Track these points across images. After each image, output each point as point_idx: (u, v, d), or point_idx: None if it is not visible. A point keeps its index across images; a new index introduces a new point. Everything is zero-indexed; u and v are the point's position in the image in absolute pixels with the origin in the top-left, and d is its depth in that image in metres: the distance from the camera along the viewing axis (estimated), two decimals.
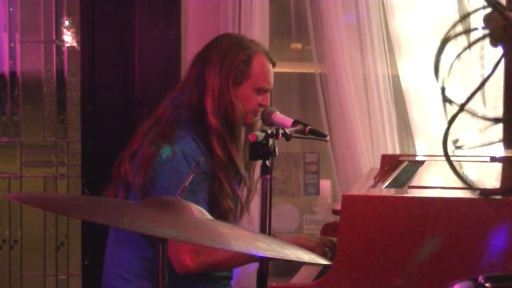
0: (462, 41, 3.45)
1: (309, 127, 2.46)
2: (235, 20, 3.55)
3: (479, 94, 3.45)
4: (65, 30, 3.79)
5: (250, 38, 2.80)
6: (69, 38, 3.79)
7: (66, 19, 3.78)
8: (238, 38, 2.70)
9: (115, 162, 2.66)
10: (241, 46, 2.64)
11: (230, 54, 2.61)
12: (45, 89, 3.82)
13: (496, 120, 1.59)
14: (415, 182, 2.54)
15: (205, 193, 2.53)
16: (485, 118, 1.43)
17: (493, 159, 2.90)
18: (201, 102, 2.60)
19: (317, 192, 3.83)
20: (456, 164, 1.36)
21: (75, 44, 3.78)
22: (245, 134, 2.70)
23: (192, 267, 2.48)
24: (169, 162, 2.49)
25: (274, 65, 2.71)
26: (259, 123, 2.71)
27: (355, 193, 2.43)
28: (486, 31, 1.28)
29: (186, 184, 1.80)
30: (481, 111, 3.42)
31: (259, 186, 2.35)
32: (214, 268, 2.56)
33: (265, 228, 2.21)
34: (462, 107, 1.26)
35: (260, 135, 2.21)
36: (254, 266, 2.40)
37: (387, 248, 2.16)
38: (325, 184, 3.84)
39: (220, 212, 2.56)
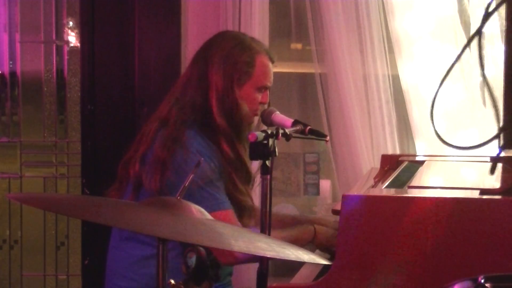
0: (462, 39, 3.47)
1: (309, 127, 2.46)
2: (235, 20, 3.55)
3: (479, 94, 3.46)
4: (65, 30, 3.79)
5: (250, 36, 2.80)
6: (69, 38, 3.79)
7: (66, 19, 3.78)
8: (240, 38, 2.70)
9: (120, 163, 2.64)
10: (244, 47, 2.63)
11: (233, 55, 2.61)
12: (45, 89, 3.82)
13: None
14: (415, 182, 2.54)
15: (223, 188, 2.54)
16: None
17: (493, 159, 2.90)
18: (205, 102, 2.60)
19: (317, 192, 3.83)
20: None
21: (75, 44, 3.78)
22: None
23: (240, 256, 2.50)
24: (186, 163, 2.48)
25: (273, 62, 2.71)
26: (259, 123, 2.71)
27: (355, 193, 2.43)
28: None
29: (195, 185, 1.79)
30: (481, 111, 3.43)
31: (259, 186, 2.34)
32: (257, 257, 2.54)
33: (265, 228, 2.21)
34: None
35: (260, 135, 2.21)
36: (254, 266, 2.40)
37: (387, 248, 2.16)
38: (325, 184, 3.84)
39: (239, 209, 2.57)
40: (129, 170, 2.58)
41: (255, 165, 2.72)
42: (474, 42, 3.63)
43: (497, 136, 1.51)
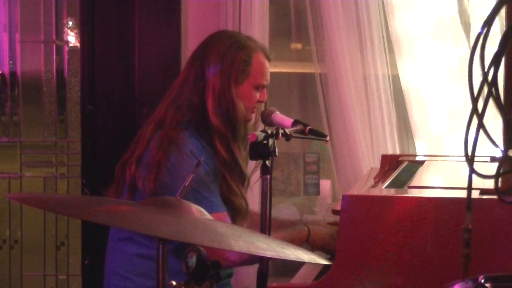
0: (462, 39, 3.47)
1: (309, 127, 2.45)
2: (235, 20, 3.55)
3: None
4: (65, 30, 3.79)
5: (246, 35, 2.80)
6: (69, 38, 3.79)
7: (66, 19, 3.78)
8: (236, 37, 2.70)
9: (117, 165, 2.64)
10: (240, 45, 2.63)
11: (230, 54, 2.61)
12: (45, 89, 3.82)
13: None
14: (415, 182, 2.54)
15: (218, 190, 2.54)
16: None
17: (493, 159, 2.90)
18: (202, 102, 2.60)
19: (317, 192, 3.83)
20: None
21: (75, 44, 3.78)
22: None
23: (235, 259, 2.51)
24: (180, 165, 2.48)
25: (270, 60, 2.71)
26: (258, 123, 2.71)
27: (355, 193, 2.43)
28: None
29: (189, 187, 1.79)
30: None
31: (259, 186, 2.34)
32: (252, 259, 2.54)
33: (265, 228, 2.21)
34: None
35: (260, 135, 2.21)
36: (254, 266, 2.40)
37: (387, 248, 2.16)
38: (325, 184, 3.84)
39: (232, 210, 2.57)
40: (126, 172, 2.58)
41: (250, 166, 2.73)
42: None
43: None
